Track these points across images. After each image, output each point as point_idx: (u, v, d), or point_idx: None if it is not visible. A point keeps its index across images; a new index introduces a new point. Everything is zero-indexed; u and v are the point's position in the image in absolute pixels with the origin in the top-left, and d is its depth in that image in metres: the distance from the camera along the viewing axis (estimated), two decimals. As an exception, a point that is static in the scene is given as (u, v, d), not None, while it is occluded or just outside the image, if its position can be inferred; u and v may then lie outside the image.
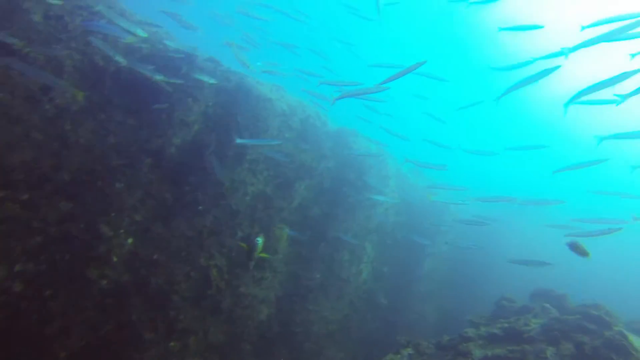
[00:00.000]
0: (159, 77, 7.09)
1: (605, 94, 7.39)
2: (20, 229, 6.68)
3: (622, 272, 20.01)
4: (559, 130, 33.24)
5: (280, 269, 9.67)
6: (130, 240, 7.46)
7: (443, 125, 12.95)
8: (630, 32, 6.76)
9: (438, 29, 32.97)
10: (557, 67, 7.06)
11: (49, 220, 6.89)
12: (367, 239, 12.00)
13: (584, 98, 7.20)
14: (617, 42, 6.99)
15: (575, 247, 6.02)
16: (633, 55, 8.12)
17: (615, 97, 7.44)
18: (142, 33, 7.10)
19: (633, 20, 6.68)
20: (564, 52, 7.45)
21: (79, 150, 7.07)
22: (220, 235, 8.17)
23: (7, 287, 6.13)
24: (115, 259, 7.29)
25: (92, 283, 6.98)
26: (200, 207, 7.94)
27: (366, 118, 12.33)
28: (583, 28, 7.66)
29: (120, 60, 6.83)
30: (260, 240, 3.69)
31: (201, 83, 7.68)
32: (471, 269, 14.90)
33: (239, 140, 7.88)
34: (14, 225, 6.61)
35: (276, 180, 9.14)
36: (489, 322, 8.75)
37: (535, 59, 8.16)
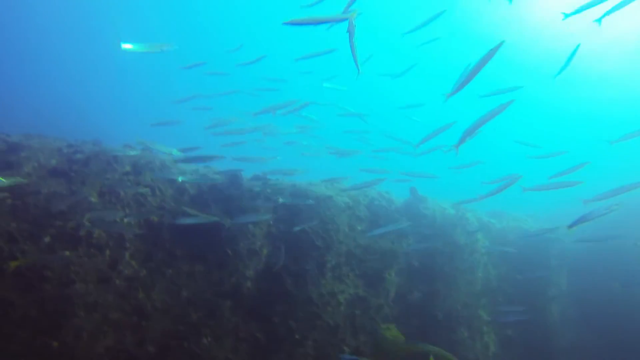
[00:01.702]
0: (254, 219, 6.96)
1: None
2: None
3: None
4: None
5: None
6: (236, 398, 6.61)
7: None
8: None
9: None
10: None
11: (147, 405, 6.27)
12: (479, 305, 10.48)
13: None
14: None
15: None
16: None
17: None
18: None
19: None
20: None
21: (157, 316, 6.63)
22: (327, 359, 7.17)
23: None
24: None
25: None
26: (296, 336, 7.07)
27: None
28: None
29: (214, 219, 6.76)
30: None
31: (258, 206, 7.29)
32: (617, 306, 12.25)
33: (371, 233, 7.88)
34: (114, 423, 6.02)
35: (365, 277, 8.25)
36: None
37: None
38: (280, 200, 7.21)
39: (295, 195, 7.77)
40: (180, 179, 6.79)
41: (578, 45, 8.04)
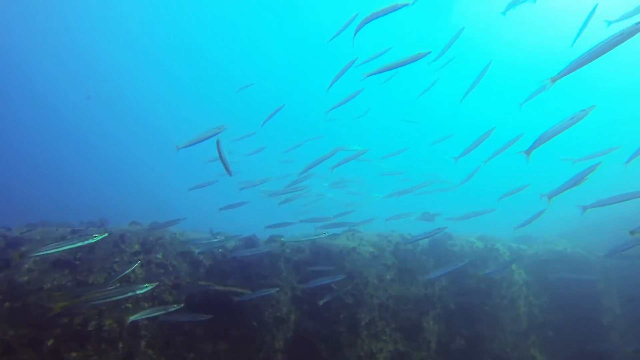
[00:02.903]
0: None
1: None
2: None
3: None
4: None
5: None
6: None
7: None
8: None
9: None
10: None
11: None
12: (528, 344, 9.58)
13: None
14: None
15: None
16: None
17: None
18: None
19: None
20: None
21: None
22: None
23: None
24: None
25: None
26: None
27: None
28: None
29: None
30: None
31: (279, 269, 6.75)
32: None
33: (430, 276, 7.37)
34: None
35: (402, 330, 7.54)
36: None
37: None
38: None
39: (316, 252, 7.25)
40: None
41: (595, 6, 7.58)
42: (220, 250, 7.04)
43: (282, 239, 6.67)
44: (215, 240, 6.76)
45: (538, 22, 29.00)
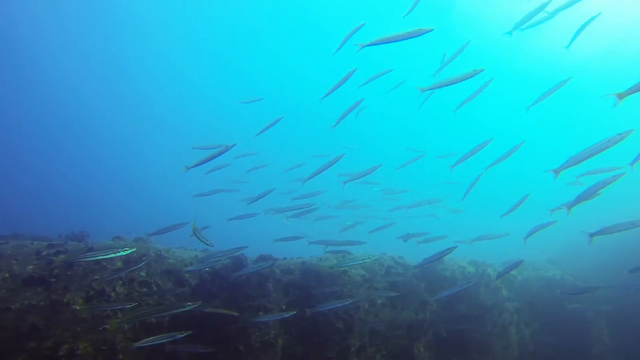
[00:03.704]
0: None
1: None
2: None
3: None
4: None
5: None
6: None
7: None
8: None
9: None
10: None
11: None
12: (519, 373, 9.37)
13: None
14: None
15: None
16: None
17: None
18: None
19: None
20: None
21: None
22: None
23: None
24: None
25: None
26: None
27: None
28: None
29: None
30: None
31: (267, 290, 6.46)
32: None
33: (438, 296, 7.38)
34: None
35: (392, 357, 7.27)
36: None
37: None
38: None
39: (306, 273, 6.99)
40: None
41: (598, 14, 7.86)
42: (207, 269, 6.73)
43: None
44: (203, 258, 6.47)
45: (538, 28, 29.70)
